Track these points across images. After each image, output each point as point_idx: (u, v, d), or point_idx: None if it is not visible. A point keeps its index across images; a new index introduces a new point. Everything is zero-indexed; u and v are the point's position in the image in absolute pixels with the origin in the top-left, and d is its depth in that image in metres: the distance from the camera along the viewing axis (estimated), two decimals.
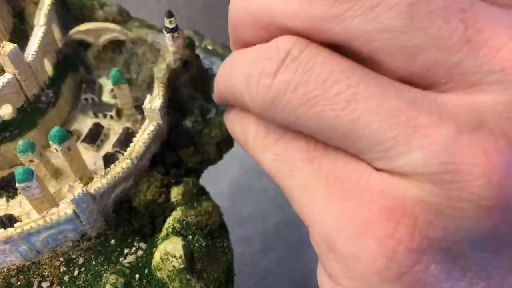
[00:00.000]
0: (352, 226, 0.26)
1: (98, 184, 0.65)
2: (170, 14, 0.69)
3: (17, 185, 0.63)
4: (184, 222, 0.66)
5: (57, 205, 0.65)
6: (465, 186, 0.24)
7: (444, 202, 0.25)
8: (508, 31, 0.25)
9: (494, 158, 0.24)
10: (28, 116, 0.72)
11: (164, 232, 0.67)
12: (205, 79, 0.80)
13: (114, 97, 0.79)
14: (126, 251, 0.69)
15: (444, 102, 0.26)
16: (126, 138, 0.74)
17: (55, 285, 0.67)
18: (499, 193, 0.24)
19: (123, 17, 0.80)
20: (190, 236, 0.66)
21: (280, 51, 0.28)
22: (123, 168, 0.67)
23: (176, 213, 0.67)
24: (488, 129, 0.25)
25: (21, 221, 0.66)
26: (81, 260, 0.68)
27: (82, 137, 0.76)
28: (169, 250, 0.64)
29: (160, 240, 0.66)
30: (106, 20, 0.80)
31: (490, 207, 0.24)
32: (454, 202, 0.24)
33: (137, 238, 0.69)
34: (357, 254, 0.26)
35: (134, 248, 0.69)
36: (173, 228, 0.66)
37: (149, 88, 0.77)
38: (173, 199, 0.69)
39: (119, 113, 0.78)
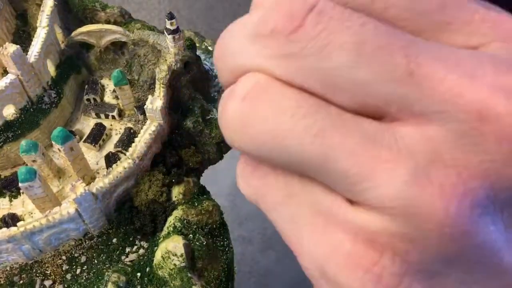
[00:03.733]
0: (340, 256, 0.29)
1: (100, 183, 0.66)
2: (171, 16, 0.69)
3: (20, 184, 0.63)
4: (185, 221, 0.67)
5: (60, 205, 0.66)
6: (428, 218, 0.28)
7: (414, 232, 0.28)
8: (446, 64, 0.27)
9: (448, 192, 0.27)
10: (31, 116, 0.72)
11: (165, 231, 0.67)
12: (205, 79, 0.81)
13: (116, 97, 0.80)
14: (128, 249, 0.69)
15: (402, 136, 0.28)
16: (128, 138, 0.74)
17: (57, 284, 0.68)
18: (458, 220, 0.27)
19: (124, 19, 0.81)
20: (191, 235, 0.66)
21: (247, 82, 0.29)
22: (125, 168, 0.67)
23: (177, 212, 0.68)
24: (442, 162, 0.28)
25: (24, 220, 0.67)
26: (83, 259, 0.69)
27: (85, 137, 0.76)
28: (170, 248, 0.64)
29: (162, 239, 0.67)
30: (108, 22, 0.81)
31: (452, 233, 0.28)
32: (422, 232, 0.27)
33: (138, 237, 0.70)
34: (348, 283, 0.28)
35: (135, 247, 0.70)
36: (174, 227, 0.66)
37: (151, 89, 0.78)
38: (174, 199, 0.70)
39: (121, 114, 0.79)
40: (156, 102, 0.69)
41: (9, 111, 0.72)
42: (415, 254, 0.30)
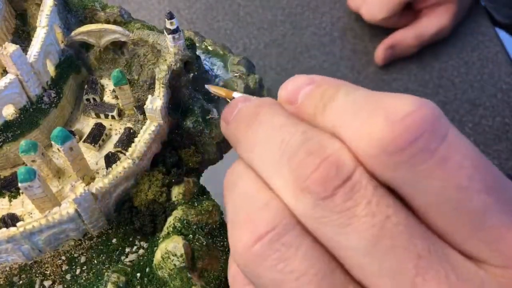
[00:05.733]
0: None
1: (100, 183, 0.66)
2: (171, 16, 0.69)
3: (19, 184, 0.63)
4: (184, 221, 0.67)
5: (59, 205, 0.66)
6: None
7: None
8: None
9: None
10: (31, 116, 0.72)
11: (165, 231, 0.67)
12: (205, 79, 0.81)
13: (116, 97, 0.80)
14: (127, 250, 0.69)
15: None
16: (127, 138, 0.74)
17: (57, 284, 0.68)
18: None
19: (124, 19, 0.81)
20: (190, 235, 0.66)
21: (268, 220, 0.31)
22: (125, 168, 0.67)
23: (177, 212, 0.68)
24: None
25: (23, 220, 0.67)
26: (83, 259, 0.69)
27: (84, 137, 0.76)
28: (170, 249, 0.64)
29: (161, 239, 0.66)
30: (107, 21, 0.80)
31: None
32: None
33: (138, 237, 0.70)
34: None
35: (135, 247, 0.69)
36: (174, 227, 0.66)
37: (150, 88, 0.78)
38: (174, 199, 0.70)
39: (120, 114, 0.79)
40: (156, 102, 0.68)
41: (9, 111, 0.72)
42: None
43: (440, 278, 0.28)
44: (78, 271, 0.68)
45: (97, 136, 0.75)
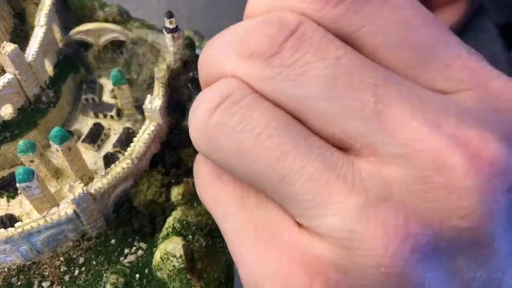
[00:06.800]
0: (276, 277, 0.30)
1: (98, 184, 0.65)
2: (170, 15, 0.69)
3: (17, 185, 0.63)
4: (184, 222, 0.66)
5: (58, 205, 0.65)
6: (368, 254, 0.28)
7: (350, 265, 0.28)
8: (412, 109, 0.28)
9: (391, 232, 0.28)
10: (29, 116, 0.72)
11: (164, 232, 0.67)
12: None
13: (115, 97, 0.79)
14: (126, 251, 0.69)
15: (359, 169, 0.29)
16: (126, 138, 0.74)
17: (55, 285, 0.67)
18: (395, 262, 0.28)
19: (123, 18, 0.80)
20: (190, 236, 0.66)
21: (223, 90, 0.31)
22: (124, 168, 0.67)
23: (176, 213, 0.67)
24: (392, 202, 0.28)
25: (21, 221, 0.66)
26: (81, 260, 0.68)
27: (83, 137, 0.75)
28: (169, 250, 0.64)
29: (160, 240, 0.66)
30: (106, 20, 0.80)
31: (387, 273, 0.28)
32: (359, 266, 0.28)
33: (137, 238, 0.70)
34: None
35: (134, 248, 0.69)
36: (173, 228, 0.66)
37: (150, 88, 0.77)
38: (173, 199, 0.69)
39: (119, 113, 0.78)
40: (155, 101, 0.68)
41: (7, 111, 0.71)
42: (345, 287, 0.29)
43: (401, 100, 0.28)
44: (76, 272, 0.68)
45: (95, 136, 0.75)
